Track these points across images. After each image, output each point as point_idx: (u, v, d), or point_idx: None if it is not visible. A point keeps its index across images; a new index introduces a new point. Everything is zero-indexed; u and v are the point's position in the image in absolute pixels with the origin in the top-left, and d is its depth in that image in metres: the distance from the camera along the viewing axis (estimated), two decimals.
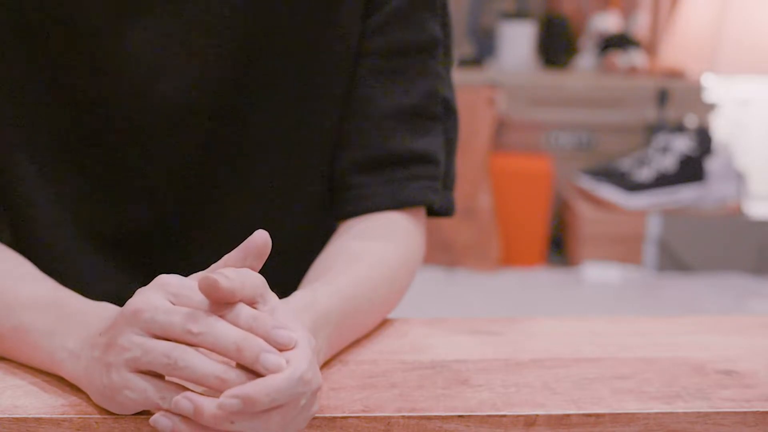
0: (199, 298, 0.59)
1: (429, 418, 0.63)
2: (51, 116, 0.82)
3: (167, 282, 0.60)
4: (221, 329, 0.57)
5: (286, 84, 0.84)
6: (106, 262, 0.86)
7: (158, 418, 0.57)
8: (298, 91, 0.85)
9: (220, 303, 0.58)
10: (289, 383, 0.56)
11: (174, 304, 0.59)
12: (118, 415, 0.60)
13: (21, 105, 0.82)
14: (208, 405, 0.55)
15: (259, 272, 0.61)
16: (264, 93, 0.84)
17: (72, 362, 0.64)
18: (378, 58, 0.86)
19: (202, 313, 0.58)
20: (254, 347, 0.57)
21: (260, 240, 0.61)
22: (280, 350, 0.58)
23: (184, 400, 0.56)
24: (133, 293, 0.61)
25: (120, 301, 0.64)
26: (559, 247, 3.45)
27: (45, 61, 0.81)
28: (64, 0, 0.79)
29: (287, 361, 0.57)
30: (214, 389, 0.57)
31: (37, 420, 0.60)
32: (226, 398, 0.55)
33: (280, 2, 0.82)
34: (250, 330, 0.58)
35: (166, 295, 0.59)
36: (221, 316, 0.58)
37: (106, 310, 0.66)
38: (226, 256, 0.62)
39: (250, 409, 0.55)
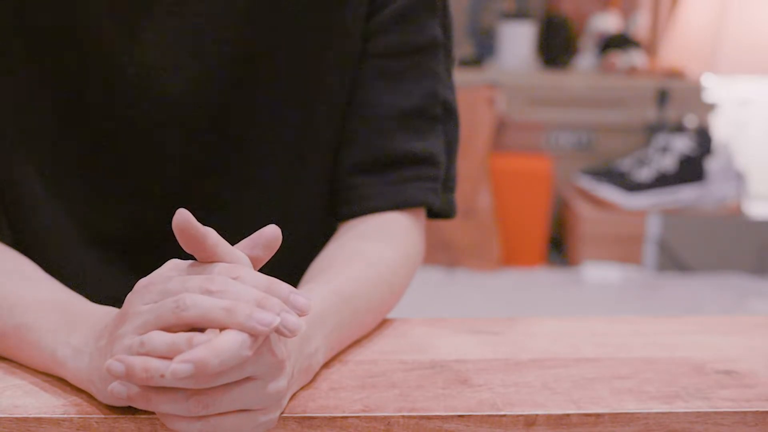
0: (209, 268, 0.59)
1: (429, 417, 0.63)
2: (52, 117, 0.82)
3: (175, 262, 0.60)
4: (240, 288, 0.57)
5: (289, 85, 0.85)
6: (108, 262, 0.86)
7: (114, 385, 0.56)
8: (302, 92, 0.85)
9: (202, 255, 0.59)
10: (233, 345, 0.54)
11: None
12: (118, 415, 0.60)
13: (22, 106, 0.82)
14: (138, 362, 0.54)
15: (260, 271, 0.61)
16: (268, 94, 0.84)
17: (75, 359, 0.63)
18: (379, 60, 0.86)
19: (218, 276, 0.58)
20: (275, 305, 0.56)
21: (271, 233, 0.62)
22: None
23: (115, 362, 0.55)
24: None
25: (121, 303, 0.64)
26: (559, 247, 3.45)
27: (47, 63, 0.81)
28: (67, 4, 0.79)
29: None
30: (220, 324, 0.55)
31: (38, 420, 0.60)
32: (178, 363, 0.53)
33: (284, 3, 0.82)
34: (268, 292, 0.58)
35: (175, 271, 0.60)
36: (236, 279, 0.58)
37: (110, 313, 0.65)
38: (236, 245, 0.62)
39: (202, 372, 0.53)
